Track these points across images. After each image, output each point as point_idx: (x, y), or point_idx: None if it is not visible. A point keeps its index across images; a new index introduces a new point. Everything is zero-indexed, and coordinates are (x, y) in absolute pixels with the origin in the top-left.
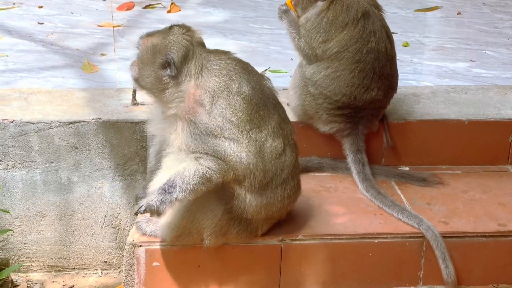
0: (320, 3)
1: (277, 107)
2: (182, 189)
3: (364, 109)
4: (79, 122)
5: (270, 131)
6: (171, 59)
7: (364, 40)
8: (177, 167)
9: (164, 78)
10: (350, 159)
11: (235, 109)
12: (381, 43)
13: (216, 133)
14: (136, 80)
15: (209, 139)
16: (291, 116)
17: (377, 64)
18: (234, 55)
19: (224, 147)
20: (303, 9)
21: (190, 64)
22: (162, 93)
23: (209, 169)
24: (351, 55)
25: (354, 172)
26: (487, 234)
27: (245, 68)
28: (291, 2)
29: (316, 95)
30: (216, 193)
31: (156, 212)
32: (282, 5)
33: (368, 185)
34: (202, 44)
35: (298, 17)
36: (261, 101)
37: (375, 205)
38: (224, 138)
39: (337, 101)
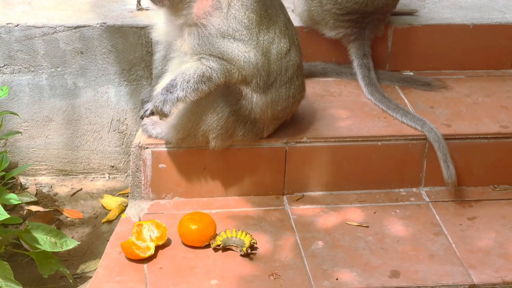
0: None
1: (282, 8)
2: (182, 88)
3: (372, 14)
4: (84, 26)
5: (277, 31)
6: None
7: None
8: (180, 67)
9: None
10: (356, 64)
11: (247, 9)
12: None
13: (226, 34)
14: None
15: (218, 41)
16: (296, 21)
17: None
18: None
19: (232, 48)
20: None
21: None
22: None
23: (210, 68)
24: None
25: (359, 76)
26: (489, 136)
27: None
28: None
29: (324, 0)
30: (221, 94)
31: (160, 113)
32: None
33: (373, 89)
34: None
35: None
36: (269, 0)
37: (379, 109)
38: (234, 39)
39: (347, 7)
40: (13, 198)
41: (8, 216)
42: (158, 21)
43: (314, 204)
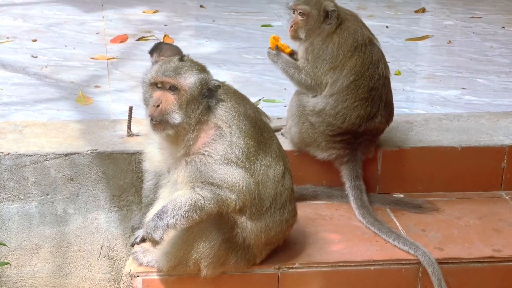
0: (326, 26)
1: (272, 131)
2: (173, 215)
3: (363, 135)
4: (74, 153)
5: (273, 155)
6: (216, 85)
7: (374, 66)
8: (172, 195)
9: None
10: (348, 185)
11: (246, 136)
12: (386, 69)
13: (229, 161)
14: (178, 123)
15: (220, 167)
16: (286, 145)
17: (384, 91)
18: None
19: (235, 174)
20: (307, 33)
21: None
22: (191, 127)
23: (203, 198)
24: (367, 82)
25: (351, 198)
26: (482, 260)
27: (241, 94)
28: (278, 43)
29: (317, 123)
30: (214, 222)
31: (151, 239)
32: (271, 50)
33: (365, 211)
34: None
35: (291, 54)
36: (262, 123)
37: (371, 232)
38: (236, 165)
39: (340, 128)
40: None
41: None
42: (150, 149)
43: None
